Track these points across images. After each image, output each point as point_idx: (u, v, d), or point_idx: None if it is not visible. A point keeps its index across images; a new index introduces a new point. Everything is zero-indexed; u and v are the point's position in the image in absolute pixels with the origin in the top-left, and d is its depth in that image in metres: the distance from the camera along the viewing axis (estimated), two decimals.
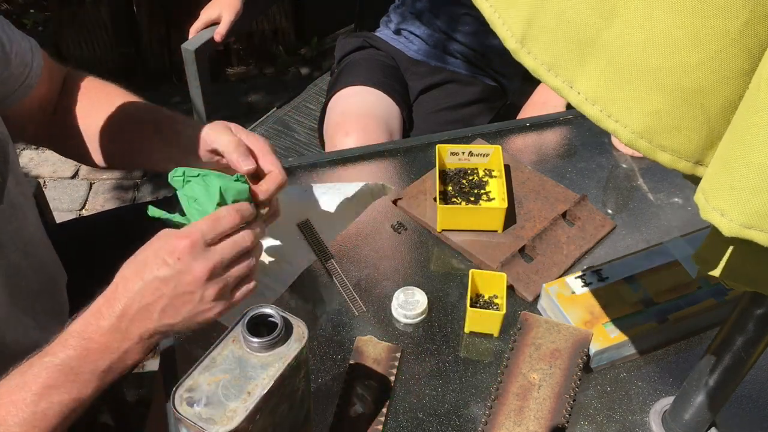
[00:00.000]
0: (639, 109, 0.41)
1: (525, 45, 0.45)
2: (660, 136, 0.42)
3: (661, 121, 0.41)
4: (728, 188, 0.38)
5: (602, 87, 0.42)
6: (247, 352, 0.59)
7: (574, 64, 0.43)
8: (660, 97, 0.40)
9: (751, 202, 0.37)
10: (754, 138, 0.36)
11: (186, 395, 0.57)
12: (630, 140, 0.43)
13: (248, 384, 0.58)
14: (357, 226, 0.98)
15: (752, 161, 0.36)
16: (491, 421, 0.72)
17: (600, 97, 0.43)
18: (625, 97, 0.41)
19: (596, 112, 0.43)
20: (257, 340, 0.58)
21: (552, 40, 0.43)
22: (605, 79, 0.42)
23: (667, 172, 1.07)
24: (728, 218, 0.38)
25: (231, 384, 0.57)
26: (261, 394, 0.57)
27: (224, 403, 0.56)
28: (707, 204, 0.40)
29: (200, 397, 0.57)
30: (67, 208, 2.24)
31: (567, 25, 0.42)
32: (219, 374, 0.58)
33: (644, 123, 0.42)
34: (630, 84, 0.41)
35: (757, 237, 0.38)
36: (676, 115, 0.41)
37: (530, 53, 0.45)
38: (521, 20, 0.44)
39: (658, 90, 0.40)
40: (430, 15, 1.50)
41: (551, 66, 0.44)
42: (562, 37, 0.42)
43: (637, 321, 0.81)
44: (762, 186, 0.36)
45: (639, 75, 0.40)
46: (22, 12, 2.91)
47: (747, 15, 0.36)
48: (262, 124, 1.63)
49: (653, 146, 0.42)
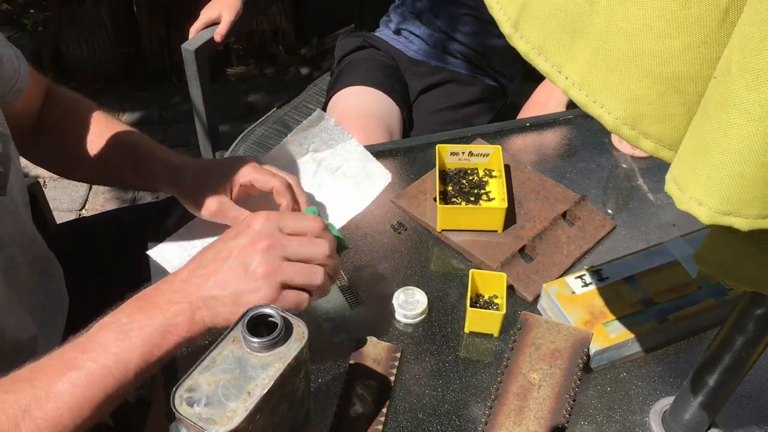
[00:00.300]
0: (623, 95, 0.42)
1: (518, 29, 0.45)
2: (643, 123, 0.42)
3: (643, 107, 0.41)
4: (705, 177, 0.38)
5: (589, 72, 0.43)
6: (247, 352, 0.59)
7: (563, 49, 0.44)
8: (643, 84, 0.41)
9: (729, 189, 0.37)
10: (728, 124, 0.36)
11: (186, 395, 0.57)
12: (614, 126, 0.43)
13: (248, 384, 0.58)
14: (357, 226, 0.98)
15: (728, 148, 0.36)
16: (491, 421, 0.72)
17: (587, 82, 0.43)
18: (610, 82, 0.42)
19: (582, 97, 0.44)
20: (257, 340, 0.58)
21: (543, 24, 0.44)
22: (592, 64, 0.42)
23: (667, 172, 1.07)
24: (706, 206, 0.38)
25: (231, 384, 0.57)
26: (261, 394, 0.57)
27: (224, 403, 0.56)
28: (683, 194, 0.40)
29: (200, 397, 0.57)
30: (67, 208, 2.24)
31: (557, 11, 0.42)
32: (219, 374, 0.58)
33: (628, 109, 0.42)
34: (614, 70, 0.41)
35: (736, 223, 0.38)
36: (658, 103, 0.41)
37: (522, 37, 0.45)
38: (516, 5, 0.45)
39: (641, 76, 0.40)
40: (430, 15, 1.50)
41: (541, 50, 0.45)
42: (553, 22, 0.43)
43: (637, 321, 0.81)
44: (739, 171, 0.36)
45: (623, 61, 0.40)
46: (22, 12, 2.91)
47: (726, 3, 0.36)
48: (262, 124, 1.63)
49: (636, 133, 0.43)
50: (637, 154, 1.09)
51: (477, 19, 1.46)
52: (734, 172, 0.37)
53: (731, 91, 0.35)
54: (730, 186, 0.37)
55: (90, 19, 2.59)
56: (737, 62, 0.35)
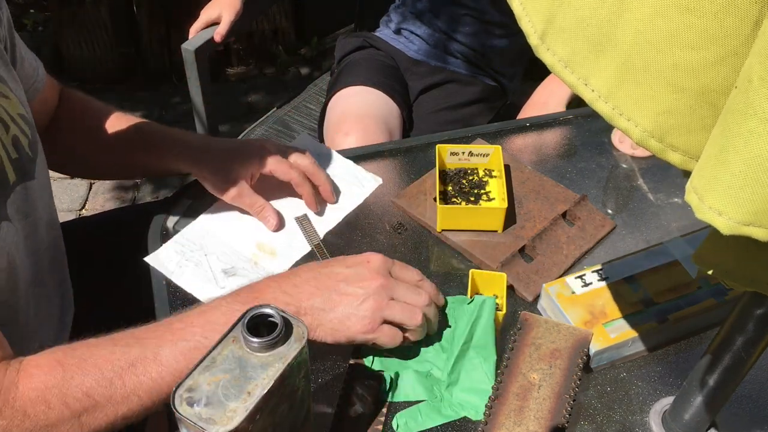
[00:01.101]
0: (650, 108, 0.41)
1: (545, 41, 0.45)
2: (671, 135, 0.42)
3: (672, 120, 0.41)
4: (725, 186, 0.38)
5: (615, 85, 0.42)
6: (247, 352, 0.59)
7: (589, 62, 0.43)
8: (671, 96, 0.40)
9: (750, 199, 0.37)
10: (749, 133, 0.36)
11: (186, 395, 0.57)
12: (641, 139, 0.43)
13: (248, 384, 0.58)
14: (357, 226, 0.98)
15: (748, 157, 0.36)
16: (491, 421, 0.72)
17: (613, 94, 0.43)
18: (637, 95, 0.41)
19: (609, 109, 0.43)
20: (257, 340, 0.58)
21: (569, 37, 0.44)
22: (618, 76, 0.42)
23: (667, 172, 1.07)
24: (726, 217, 0.38)
25: (231, 384, 0.57)
26: (261, 394, 0.57)
27: (224, 403, 0.56)
28: (702, 204, 0.39)
29: (200, 397, 0.57)
30: (67, 208, 2.24)
31: (584, 24, 0.42)
32: (219, 374, 0.58)
33: (655, 122, 0.42)
34: (642, 82, 0.41)
35: (756, 233, 0.38)
36: (686, 115, 0.40)
37: (549, 50, 0.45)
38: (543, 17, 0.45)
39: (670, 89, 0.40)
40: (430, 15, 1.50)
41: (568, 63, 0.45)
42: (579, 34, 0.43)
43: (637, 321, 0.81)
44: (759, 180, 0.36)
45: (651, 73, 0.40)
46: (22, 12, 2.91)
47: (756, 14, 0.36)
48: (262, 124, 1.63)
49: (664, 146, 0.42)
50: (637, 154, 1.09)
51: (477, 19, 1.46)
52: (755, 182, 0.36)
53: (752, 101, 0.35)
54: (751, 196, 0.37)
55: (90, 19, 2.59)
56: (758, 72, 0.35)
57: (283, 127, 1.62)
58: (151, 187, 2.37)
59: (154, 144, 0.96)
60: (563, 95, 1.28)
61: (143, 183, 2.38)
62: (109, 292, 1.05)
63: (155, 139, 0.96)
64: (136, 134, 0.97)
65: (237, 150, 0.94)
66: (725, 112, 0.38)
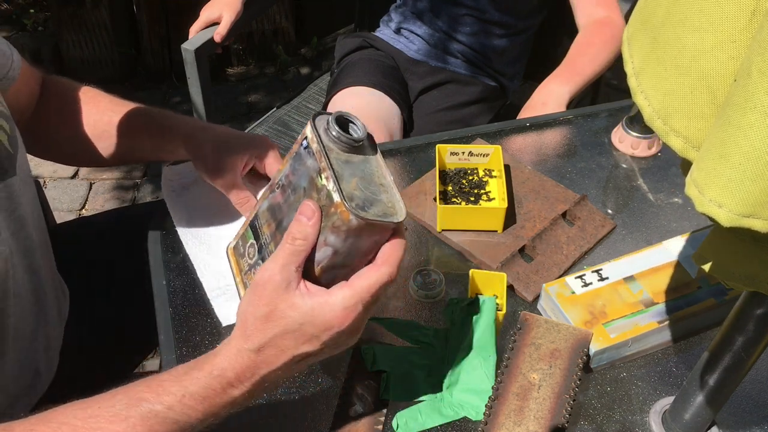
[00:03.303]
0: (660, 88, 0.42)
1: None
2: (674, 118, 0.42)
3: (675, 102, 0.42)
4: (725, 179, 0.38)
5: (644, 61, 0.44)
6: (345, 155, 0.60)
7: (636, 38, 0.45)
8: (677, 79, 0.41)
9: (749, 191, 0.37)
10: (748, 126, 0.36)
11: (353, 204, 0.57)
12: (650, 117, 0.44)
13: (373, 177, 0.59)
14: None
15: (748, 150, 0.36)
16: (491, 421, 0.72)
17: (639, 71, 0.44)
18: (653, 73, 0.43)
19: (635, 85, 0.45)
20: (350, 138, 0.60)
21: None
22: (648, 54, 0.43)
23: (667, 172, 1.07)
24: (726, 209, 0.38)
25: (365, 183, 0.59)
26: (392, 177, 0.59)
27: (379, 198, 0.58)
28: (702, 196, 0.40)
29: (363, 203, 0.57)
30: (67, 208, 2.24)
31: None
32: (352, 179, 0.59)
33: (662, 102, 0.42)
34: (658, 60, 0.42)
35: (756, 225, 0.38)
36: (688, 98, 0.41)
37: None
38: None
39: (676, 70, 0.41)
40: (431, 15, 1.50)
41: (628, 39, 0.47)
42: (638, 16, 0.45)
43: (637, 321, 0.81)
44: (759, 173, 0.36)
45: (665, 52, 0.41)
46: (22, 12, 2.91)
47: (753, 4, 0.36)
48: (262, 124, 1.63)
49: (667, 128, 0.43)
50: (637, 154, 1.09)
51: (478, 19, 1.46)
52: (754, 174, 0.36)
53: (751, 94, 0.35)
54: (750, 188, 0.37)
55: (90, 19, 2.59)
56: (758, 65, 0.35)
57: (283, 127, 1.62)
58: (151, 187, 2.37)
59: (150, 122, 0.92)
60: (563, 95, 1.28)
61: (143, 183, 2.38)
62: (108, 291, 1.05)
63: (154, 117, 0.93)
64: (132, 114, 0.93)
65: (235, 139, 0.91)
66: (725, 105, 0.38)
